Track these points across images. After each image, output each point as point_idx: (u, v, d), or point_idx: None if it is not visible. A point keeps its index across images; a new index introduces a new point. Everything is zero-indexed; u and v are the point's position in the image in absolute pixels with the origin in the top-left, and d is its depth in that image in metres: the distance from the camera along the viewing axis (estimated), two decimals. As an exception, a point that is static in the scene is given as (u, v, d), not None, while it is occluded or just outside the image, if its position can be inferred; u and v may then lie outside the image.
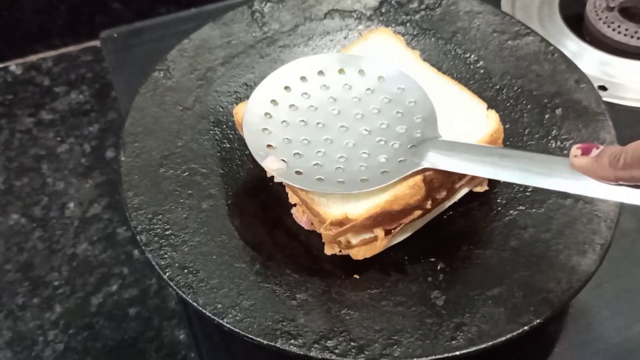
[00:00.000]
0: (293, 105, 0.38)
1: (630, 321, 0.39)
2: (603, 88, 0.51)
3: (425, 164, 0.34)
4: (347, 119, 0.37)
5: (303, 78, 0.39)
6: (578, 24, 0.55)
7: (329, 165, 0.35)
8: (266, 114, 0.37)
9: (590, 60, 0.52)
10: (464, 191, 0.39)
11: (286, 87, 0.38)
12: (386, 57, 0.42)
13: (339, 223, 0.34)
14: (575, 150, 0.30)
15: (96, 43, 0.56)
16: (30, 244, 0.45)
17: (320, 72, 0.39)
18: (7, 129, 0.52)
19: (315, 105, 0.38)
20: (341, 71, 0.39)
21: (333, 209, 0.34)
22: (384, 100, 0.38)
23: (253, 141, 0.36)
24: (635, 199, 0.28)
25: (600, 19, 0.54)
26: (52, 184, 0.48)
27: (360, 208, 0.34)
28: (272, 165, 0.35)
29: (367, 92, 0.38)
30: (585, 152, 0.29)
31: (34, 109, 0.53)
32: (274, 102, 0.38)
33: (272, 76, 0.38)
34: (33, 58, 0.57)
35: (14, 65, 0.56)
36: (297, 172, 0.35)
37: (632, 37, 0.53)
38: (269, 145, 0.36)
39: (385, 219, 0.34)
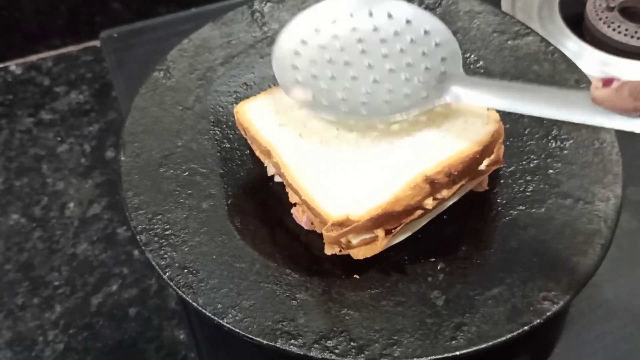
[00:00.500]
0: (322, 45, 0.39)
1: (630, 321, 0.39)
2: (603, 88, 0.51)
3: (448, 98, 0.36)
4: (373, 58, 0.38)
5: (333, 20, 0.40)
6: (578, 24, 0.55)
7: (354, 99, 0.37)
8: (295, 52, 0.38)
9: (590, 60, 0.53)
10: (464, 191, 0.39)
11: (316, 30, 0.39)
12: None
13: (340, 224, 0.34)
14: (597, 82, 0.31)
15: (96, 43, 0.56)
16: (30, 244, 0.45)
17: (351, 15, 0.40)
18: (7, 129, 0.52)
19: (343, 46, 0.39)
20: (370, 14, 0.40)
21: (334, 210, 0.34)
22: (410, 41, 0.39)
23: (281, 75, 0.38)
24: None
25: (600, 19, 0.54)
26: (52, 184, 0.48)
27: (362, 209, 0.34)
28: (299, 95, 0.37)
29: (394, 34, 0.39)
30: (607, 84, 0.30)
31: (34, 109, 0.53)
32: (303, 42, 0.39)
33: (302, 16, 0.40)
34: (33, 58, 0.57)
35: (14, 65, 0.56)
36: (323, 103, 0.37)
37: (632, 37, 0.53)
38: (296, 80, 0.37)
39: (386, 219, 0.34)
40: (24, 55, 0.57)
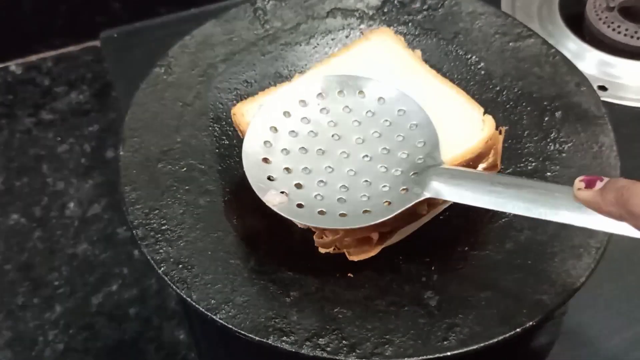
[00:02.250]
0: (293, 131, 0.37)
1: (629, 321, 0.39)
2: (603, 88, 0.51)
3: (428, 194, 0.33)
4: (347, 145, 0.37)
5: (302, 102, 0.38)
6: (578, 24, 0.55)
7: (331, 196, 0.35)
8: (266, 142, 0.37)
9: (590, 61, 0.52)
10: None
11: (285, 113, 0.37)
12: (385, 58, 0.41)
13: (334, 230, 0.34)
14: (579, 182, 0.29)
15: (96, 43, 0.56)
16: (30, 244, 0.45)
17: (320, 95, 0.38)
18: (7, 129, 0.52)
19: (316, 131, 0.37)
20: (341, 93, 0.38)
21: None
22: (385, 123, 0.37)
23: (254, 174, 0.35)
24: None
25: (600, 19, 0.54)
26: (52, 184, 0.48)
27: None
28: (273, 200, 0.35)
29: (367, 114, 0.37)
30: (590, 184, 0.28)
31: (34, 109, 0.53)
32: (273, 129, 0.37)
33: (270, 101, 0.38)
34: (33, 58, 0.57)
35: (14, 65, 0.56)
36: (299, 205, 0.35)
37: (632, 37, 0.53)
38: (269, 177, 0.36)
39: (379, 225, 0.34)
40: (24, 55, 0.57)
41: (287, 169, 0.36)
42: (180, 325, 0.41)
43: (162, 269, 0.34)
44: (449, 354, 0.32)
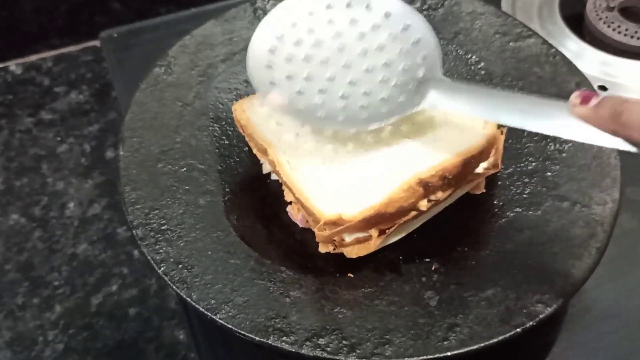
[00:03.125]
0: (298, 41, 0.38)
1: (629, 321, 0.39)
2: (603, 88, 0.51)
3: (425, 105, 0.35)
4: (350, 55, 0.37)
5: (310, 13, 0.38)
6: (578, 24, 0.55)
7: (330, 103, 0.36)
8: (270, 50, 0.37)
9: (590, 60, 0.52)
10: (460, 193, 0.39)
11: (292, 24, 0.38)
12: None
13: (333, 223, 0.34)
14: (575, 99, 0.29)
15: (96, 43, 0.56)
16: (30, 244, 0.45)
17: (328, 6, 0.39)
18: (7, 129, 0.52)
19: (320, 41, 0.38)
20: (349, 5, 0.39)
21: (327, 209, 0.34)
22: (389, 37, 0.38)
23: (257, 77, 0.36)
24: (631, 148, 0.28)
25: (600, 19, 0.54)
26: (52, 184, 0.48)
27: (355, 210, 0.34)
28: (274, 101, 0.36)
29: (372, 27, 0.38)
30: (585, 100, 0.29)
31: (34, 109, 0.53)
32: (278, 37, 0.38)
33: (277, 10, 0.38)
34: (33, 58, 0.57)
35: (14, 65, 0.56)
36: (298, 109, 0.36)
37: (632, 37, 0.53)
38: (271, 82, 0.36)
39: (379, 220, 0.34)
40: (24, 55, 0.57)
41: (289, 76, 0.37)
42: (180, 325, 0.41)
43: (162, 269, 0.34)
44: (449, 354, 0.32)
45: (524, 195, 0.39)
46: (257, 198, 0.40)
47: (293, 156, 0.37)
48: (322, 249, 0.36)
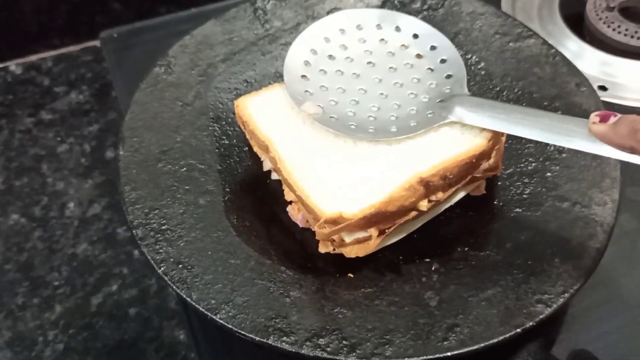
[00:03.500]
0: (331, 55, 0.40)
1: (629, 321, 0.39)
2: (603, 88, 0.51)
3: (452, 118, 0.37)
4: (381, 71, 0.40)
5: (342, 30, 0.41)
6: (578, 24, 0.55)
7: (362, 114, 0.38)
8: (305, 62, 0.40)
9: (590, 60, 0.52)
10: (460, 195, 0.39)
11: (326, 39, 0.41)
12: None
13: (334, 221, 0.34)
14: (594, 117, 0.31)
15: (96, 43, 0.56)
16: (30, 244, 0.45)
17: (359, 26, 0.41)
18: (7, 129, 0.52)
19: (352, 57, 0.40)
20: (379, 26, 0.41)
21: (328, 207, 0.34)
22: (417, 56, 0.40)
23: (293, 87, 0.39)
24: None
25: (600, 19, 0.54)
26: (52, 184, 0.48)
27: (355, 208, 0.34)
28: (309, 109, 0.38)
29: (401, 47, 0.41)
30: (604, 119, 0.30)
31: (34, 109, 0.53)
32: (313, 51, 0.40)
33: (313, 27, 0.41)
34: (33, 58, 0.57)
35: (14, 65, 0.56)
36: (332, 118, 0.38)
37: (632, 37, 0.53)
38: (306, 91, 0.39)
39: (379, 219, 0.34)
40: (24, 55, 0.57)
41: (323, 86, 0.39)
42: (180, 325, 0.41)
43: (162, 269, 0.34)
44: (449, 354, 0.32)
45: (524, 196, 0.39)
46: (257, 198, 0.40)
47: (294, 154, 0.37)
48: (323, 249, 0.36)
